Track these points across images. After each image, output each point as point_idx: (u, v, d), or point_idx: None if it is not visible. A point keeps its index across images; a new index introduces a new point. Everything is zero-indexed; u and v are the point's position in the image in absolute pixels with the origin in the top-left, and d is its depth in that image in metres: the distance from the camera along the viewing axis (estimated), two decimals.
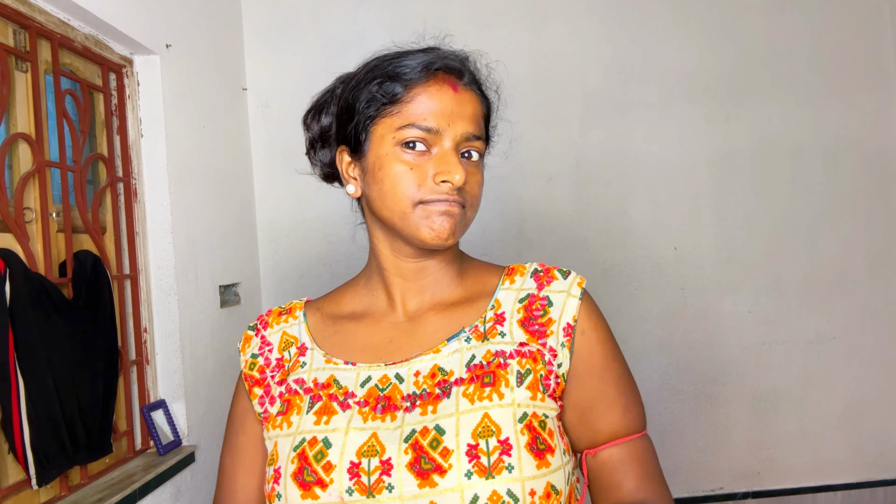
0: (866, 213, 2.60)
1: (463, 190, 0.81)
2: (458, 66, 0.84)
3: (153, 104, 1.80)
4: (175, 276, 1.81)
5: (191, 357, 1.86)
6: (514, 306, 0.87)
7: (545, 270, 0.89)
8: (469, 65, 0.86)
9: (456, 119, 0.81)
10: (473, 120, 0.82)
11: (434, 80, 0.82)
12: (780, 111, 2.58)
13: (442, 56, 0.84)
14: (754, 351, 2.59)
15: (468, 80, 0.84)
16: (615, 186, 2.55)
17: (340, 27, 2.48)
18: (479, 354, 0.83)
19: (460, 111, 0.81)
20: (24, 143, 1.41)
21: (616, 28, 2.56)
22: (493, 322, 0.86)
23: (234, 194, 2.28)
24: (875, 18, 2.61)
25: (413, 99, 0.82)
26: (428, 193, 0.80)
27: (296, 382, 0.87)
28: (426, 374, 0.83)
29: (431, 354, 0.84)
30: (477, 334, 0.85)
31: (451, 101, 0.82)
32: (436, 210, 0.80)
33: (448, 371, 0.82)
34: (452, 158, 0.80)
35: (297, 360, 0.89)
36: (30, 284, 1.32)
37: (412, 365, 0.84)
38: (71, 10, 1.51)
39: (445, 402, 0.80)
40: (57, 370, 1.37)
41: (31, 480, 1.29)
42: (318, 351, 0.89)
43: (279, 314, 0.94)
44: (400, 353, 0.85)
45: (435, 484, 0.75)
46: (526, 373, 0.82)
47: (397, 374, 0.83)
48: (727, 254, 2.58)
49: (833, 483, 2.58)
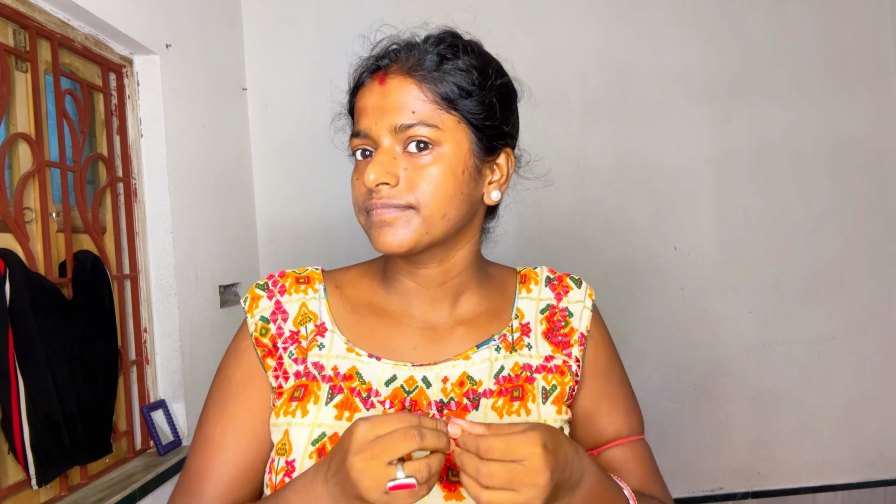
0: (866, 213, 2.60)
1: (399, 189, 0.73)
2: (389, 57, 0.77)
3: (153, 104, 1.80)
4: (175, 276, 1.81)
5: (191, 357, 1.86)
6: (536, 317, 0.85)
7: (558, 279, 0.87)
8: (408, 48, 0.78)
9: (381, 114, 0.74)
10: (403, 107, 0.74)
11: (367, 81, 0.78)
12: (781, 111, 2.57)
13: (378, 53, 0.79)
14: (754, 351, 2.58)
15: (404, 67, 0.76)
16: (615, 186, 2.55)
17: (340, 27, 2.47)
18: (507, 366, 0.81)
19: (385, 103, 0.74)
20: (24, 143, 1.41)
21: (616, 28, 2.56)
22: (519, 332, 0.84)
23: (234, 194, 2.28)
24: (876, 18, 2.61)
25: (355, 108, 0.79)
26: (366, 200, 0.75)
27: (314, 366, 0.80)
28: (454, 382, 0.79)
29: (461, 361, 0.80)
30: (506, 344, 0.82)
31: (377, 97, 0.75)
32: (374, 219, 0.74)
33: (477, 381, 0.80)
34: (374, 157, 0.74)
35: (314, 339, 0.82)
36: (30, 284, 1.32)
37: (440, 370, 0.80)
38: (71, 9, 1.50)
39: (474, 414, 0.78)
40: (57, 370, 1.36)
41: (30, 480, 1.29)
42: (340, 336, 0.82)
43: (297, 280, 0.85)
44: (426, 357, 0.81)
45: (462, 497, 0.74)
46: (552, 388, 0.81)
47: (424, 378, 0.79)
48: (727, 254, 2.58)
49: (833, 483, 2.58)
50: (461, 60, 0.76)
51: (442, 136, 0.74)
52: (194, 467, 0.80)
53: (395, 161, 0.74)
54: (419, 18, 0.74)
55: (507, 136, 0.80)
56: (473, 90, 0.76)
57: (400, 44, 0.79)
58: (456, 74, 0.76)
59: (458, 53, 0.77)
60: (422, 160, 0.74)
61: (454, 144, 0.75)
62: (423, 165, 0.74)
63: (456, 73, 0.76)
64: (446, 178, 0.74)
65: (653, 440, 0.91)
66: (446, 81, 0.75)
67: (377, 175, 0.73)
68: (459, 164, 0.75)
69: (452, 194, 0.75)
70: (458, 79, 0.75)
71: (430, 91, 0.74)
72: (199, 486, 0.79)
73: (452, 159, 0.75)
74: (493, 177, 0.80)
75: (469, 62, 0.77)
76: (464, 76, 0.76)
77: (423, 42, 0.79)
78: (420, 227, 0.74)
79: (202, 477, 0.79)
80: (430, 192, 0.73)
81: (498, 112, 0.78)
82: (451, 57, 0.76)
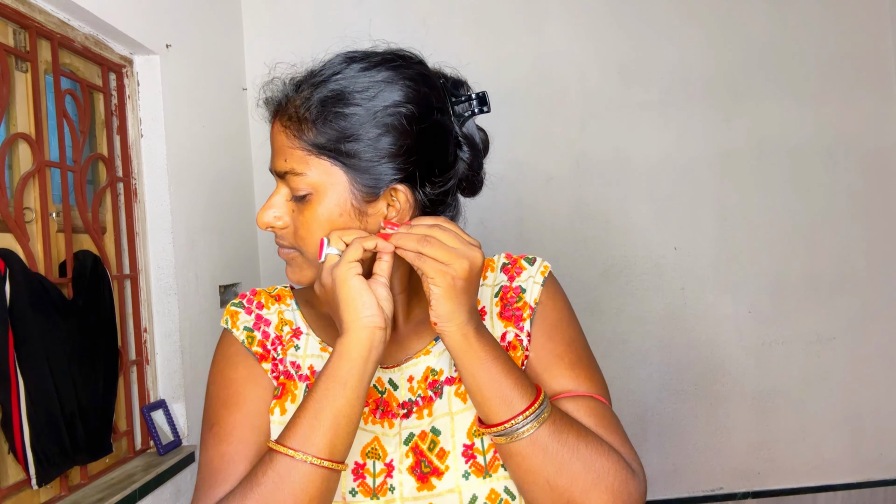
0: (866, 213, 2.60)
1: (288, 231, 0.78)
2: (267, 104, 0.80)
3: (153, 104, 1.80)
4: (175, 275, 1.81)
5: (191, 357, 1.86)
6: (491, 300, 0.86)
7: (512, 262, 0.88)
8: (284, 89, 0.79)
9: (272, 158, 0.78)
10: (279, 153, 0.76)
11: None
12: (781, 111, 2.58)
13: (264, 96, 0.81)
14: (754, 351, 2.58)
15: (279, 113, 0.78)
16: (615, 186, 2.55)
17: (341, 27, 2.47)
18: None
19: (272, 148, 0.78)
20: (24, 143, 1.41)
21: (616, 28, 2.56)
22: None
23: (233, 194, 2.28)
24: (875, 18, 2.61)
25: None
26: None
27: (292, 365, 0.83)
28: (419, 378, 0.81)
29: (423, 357, 0.82)
30: None
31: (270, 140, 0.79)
32: (280, 255, 0.80)
33: (438, 370, 0.82)
34: (269, 199, 0.78)
35: (290, 341, 0.85)
36: (30, 284, 1.32)
37: (404, 370, 0.82)
38: (71, 10, 1.50)
39: (439, 402, 0.80)
40: (57, 370, 1.36)
41: (30, 480, 1.29)
42: (314, 336, 0.85)
43: (270, 296, 0.89)
44: (391, 359, 0.83)
45: (433, 487, 0.76)
46: None
47: (391, 380, 0.82)
48: (727, 254, 2.58)
49: (833, 483, 2.58)
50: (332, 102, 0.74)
51: (315, 182, 0.74)
52: (214, 457, 0.78)
53: (285, 203, 0.77)
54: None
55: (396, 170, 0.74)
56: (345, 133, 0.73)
57: (276, 88, 0.79)
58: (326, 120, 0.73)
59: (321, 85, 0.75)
60: (301, 204, 0.76)
61: (329, 189, 0.74)
62: (302, 209, 0.75)
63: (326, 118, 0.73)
64: (320, 223, 0.75)
65: (653, 440, 0.90)
66: (315, 129, 0.74)
67: (265, 220, 0.77)
68: (335, 209, 0.74)
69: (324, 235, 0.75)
70: (327, 124, 0.73)
71: (297, 138, 0.75)
72: (225, 472, 0.77)
73: (328, 204, 0.74)
74: (389, 213, 0.76)
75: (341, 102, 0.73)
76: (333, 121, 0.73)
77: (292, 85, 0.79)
78: (311, 266, 0.77)
79: (226, 462, 0.77)
80: (306, 238, 0.76)
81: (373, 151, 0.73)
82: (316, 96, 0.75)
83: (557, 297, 0.86)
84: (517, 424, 0.71)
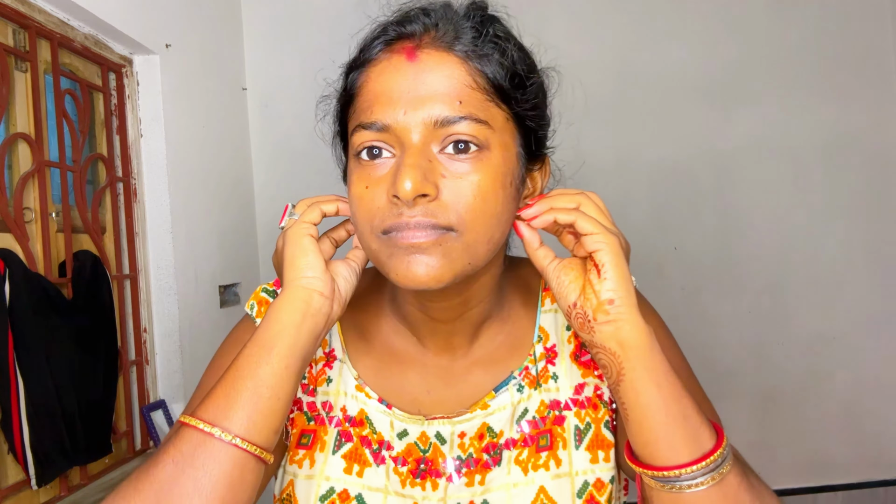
0: (866, 213, 2.60)
1: (440, 203, 0.56)
2: (421, 23, 0.59)
3: (153, 104, 1.80)
4: (175, 276, 1.81)
5: (191, 357, 1.86)
6: (562, 334, 0.70)
7: None
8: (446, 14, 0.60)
9: (413, 102, 0.56)
10: (448, 94, 0.56)
11: (386, 54, 0.60)
12: (781, 111, 2.57)
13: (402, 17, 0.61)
14: (754, 351, 2.58)
15: (445, 39, 0.58)
16: (615, 186, 2.55)
17: (340, 27, 2.47)
18: (532, 408, 0.69)
19: (419, 87, 0.56)
20: (24, 142, 1.41)
21: (616, 28, 2.56)
22: (544, 361, 0.70)
23: (233, 194, 2.28)
24: (876, 18, 2.61)
25: (362, 88, 0.61)
26: (387, 219, 0.57)
27: (323, 406, 0.70)
28: (473, 436, 0.68)
29: (479, 411, 0.68)
30: (529, 379, 0.69)
31: (405, 77, 0.57)
32: (400, 244, 0.57)
33: (497, 432, 0.68)
34: (407, 160, 0.55)
35: (322, 371, 0.71)
36: (29, 284, 1.32)
37: (456, 425, 0.68)
38: (70, 9, 1.50)
39: (496, 471, 0.67)
40: (56, 370, 1.36)
41: (30, 481, 1.29)
42: (349, 368, 0.71)
43: None
44: (441, 406, 0.69)
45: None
46: (585, 428, 0.68)
47: (438, 434, 0.68)
48: (727, 254, 2.58)
49: (833, 483, 2.57)
50: (506, 40, 0.60)
51: (491, 136, 0.58)
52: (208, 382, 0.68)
53: (432, 166, 0.56)
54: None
55: (547, 137, 0.66)
56: (522, 79, 0.60)
57: (430, 7, 0.61)
58: (506, 56, 0.59)
59: (498, 27, 0.60)
60: (465, 165, 0.57)
61: (503, 147, 0.59)
62: (465, 174, 0.57)
63: (507, 54, 0.59)
64: (494, 191, 0.58)
65: None
66: (497, 64, 0.58)
67: (416, 184, 0.54)
68: (508, 175, 0.59)
69: (500, 212, 0.59)
70: (507, 62, 0.59)
71: (479, 75, 0.57)
72: None
73: (501, 167, 0.58)
74: (527, 189, 0.65)
75: (514, 42, 0.61)
76: (513, 59, 0.59)
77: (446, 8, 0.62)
78: (462, 255, 0.57)
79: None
80: (476, 210, 0.57)
81: (543, 107, 0.64)
82: (498, 35, 0.59)
83: (651, 319, 0.69)
84: (707, 467, 0.56)
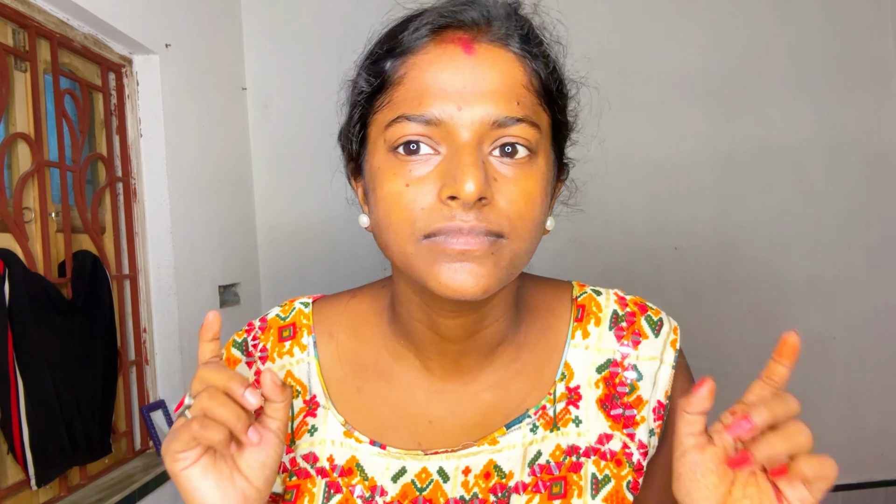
0: (866, 213, 2.60)
1: (493, 208, 0.52)
2: (478, 15, 0.54)
3: (152, 104, 1.80)
4: (174, 276, 1.81)
5: (190, 357, 1.86)
6: (590, 376, 0.64)
7: (629, 320, 0.66)
8: (503, 10, 0.56)
9: (471, 97, 0.52)
10: (507, 93, 0.52)
11: (437, 44, 0.54)
12: (781, 111, 2.57)
13: (456, 5, 0.55)
14: (754, 351, 2.57)
15: (499, 34, 0.54)
16: (615, 186, 2.55)
17: (340, 27, 2.47)
18: (546, 450, 0.63)
19: (479, 84, 0.52)
20: (24, 142, 1.41)
21: (616, 27, 2.56)
22: (565, 401, 0.64)
23: (233, 194, 2.28)
24: (876, 18, 2.61)
25: (405, 78, 0.54)
26: (435, 221, 0.52)
27: (305, 459, 0.64)
28: (478, 473, 0.62)
29: (486, 446, 0.62)
30: (545, 420, 0.63)
31: (463, 71, 0.52)
32: (448, 250, 0.51)
33: (507, 472, 0.62)
34: (466, 159, 0.51)
35: (303, 423, 0.64)
36: (29, 285, 1.32)
37: (460, 459, 0.62)
38: (70, 9, 1.50)
39: None
40: (56, 371, 1.36)
41: (30, 481, 1.29)
42: (335, 414, 0.64)
43: (280, 336, 0.66)
44: (443, 438, 0.63)
45: None
46: (604, 479, 0.63)
47: (440, 469, 0.62)
48: (727, 254, 2.57)
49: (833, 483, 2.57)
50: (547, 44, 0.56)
51: (540, 142, 0.54)
52: None
53: (484, 168, 0.52)
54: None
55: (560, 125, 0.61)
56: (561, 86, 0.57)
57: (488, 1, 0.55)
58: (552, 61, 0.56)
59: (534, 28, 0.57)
60: (515, 170, 0.53)
61: (545, 155, 0.56)
62: (516, 179, 0.53)
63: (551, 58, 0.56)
64: (541, 198, 0.54)
65: None
66: (547, 67, 0.55)
67: (479, 185, 0.50)
68: (549, 182, 0.56)
69: (542, 220, 0.56)
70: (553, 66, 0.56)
71: (535, 76, 0.54)
72: None
73: (546, 174, 0.55)
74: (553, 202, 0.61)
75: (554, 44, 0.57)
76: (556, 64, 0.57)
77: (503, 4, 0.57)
78: (508, 265, 0.53)
79: None
80: (526, 217, 0.53)
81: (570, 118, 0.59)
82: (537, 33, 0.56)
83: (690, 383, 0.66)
84: None
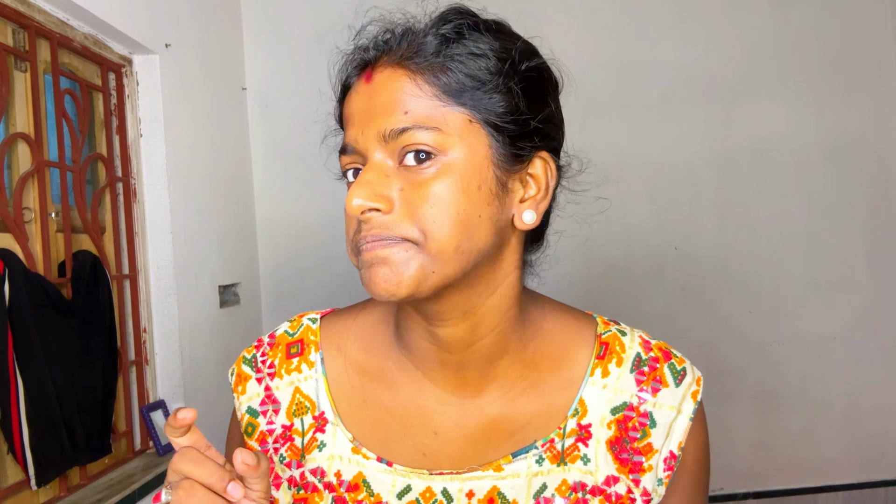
0: (866, 213, 2.60)
1: (397, 215, 0.55)
2: (376, 47, 0.60)
3: (152, 104, 1.80)
4: (174, 276, 1.81)
5: (190, 357, 1.86)
6: (603, 416, 0.64)
7: (652, 366, 0.66)
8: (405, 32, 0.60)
9: (367, 120, 0.57)
10: (394, 107, 0.56)
11: (358, 79, 0.61)
12: (781, 111, 2.57)
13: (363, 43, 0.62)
14: (754, 351, 2.58)
15: (396, 56, 0.58)
16: (615, 186, 2.55)
17: (340, 27, 2.47)
18: (551, 484, 0.63)
19: (372, 105, 0.57)
20: (23, 142, 1.40)
21: (616, 28, 2.56)
22: (574, 437, 0.64)
23: (233, 194, 2.28)
24: (875, 18, 2.61)
25: (343, 116, 0.62)
26: (353, 235, 0.58)
27: (313, 473, 0.66)
28: (482, 498, 0.63)
29: (491, 472, 0.63)
30: (552, 454, 0.64)
31: (363, 98, 0.58)
32: (365, 257, 0.56)
33: (510, 501, 0.63)
34: (360, 177, 0.56)
35: (313, 438, 0.67)
36: (29, 285, 1.32)
37: (464, 482, 0.63)
38: (70, 9, 1.50)
39: None
40: (56, 370, 1.36)
41: (30, 481, 1.29)
42: (343, 430, 0.66)
43: (287, 352, 0.69)
44: (448, 459, 0.64)
45: None
46: None
47: (444, 490, 0.63)
48: (727, 254, 2.58)
49: (834, 483, 2.57)
50: (470, 41, 0.58)
51: (447, 142, 0.56)
52: None
53: (387, 179, 0.56)
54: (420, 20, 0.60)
55: (540, 135, 0.61)
56: (489, 78, 0.58)
57: (391, 28, 0.61)
58: (464, 60, 0.57)
59: (465, 33, 0.59)
60: (423, 175, 0.56)
61: (466, 151, 0.57)
62: (425, 182, 0.55)
63: (464, 57, 0.57)
64: (456, 196, 0.56)
65: None
66: (451, 69, 0.57)
67: (363, 199, 0.55)
68: (474, 178, 0.57)
69: (466, 218, 0.56)
70: (467, 65, 0.57)
71: (427, 83, 0.57)
72: None
73: (464, 171, 0.56)
74: (527, 192, 0.62)
75: (482, 43, 0.59)
76: (475, 61, 0.58)
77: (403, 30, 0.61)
78: (424, 264, 0.55)
79: None
80: (435, 218, 0.55)
81: (523, 105, 0.59)
82: (455, 38, 0.58)
83: (705, 444, 0.67)
84: None
